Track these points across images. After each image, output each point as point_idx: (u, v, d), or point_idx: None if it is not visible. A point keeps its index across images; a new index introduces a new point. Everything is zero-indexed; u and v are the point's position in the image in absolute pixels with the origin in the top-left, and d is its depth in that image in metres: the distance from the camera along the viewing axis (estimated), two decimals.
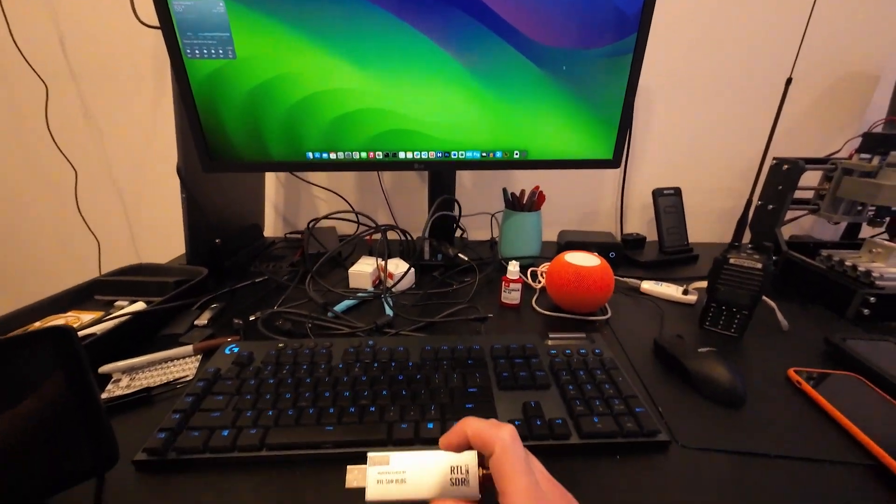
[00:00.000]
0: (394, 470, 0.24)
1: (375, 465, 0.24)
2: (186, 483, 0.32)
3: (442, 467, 0.24)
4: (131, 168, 0.91)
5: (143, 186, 0.92)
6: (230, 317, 0.55)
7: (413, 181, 0.91)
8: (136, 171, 0.91)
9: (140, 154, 0.90)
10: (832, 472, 0.33)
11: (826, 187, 0.67)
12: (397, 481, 0.24)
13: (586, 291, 0.53)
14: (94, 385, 0.27)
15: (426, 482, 0.24)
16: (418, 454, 0.25)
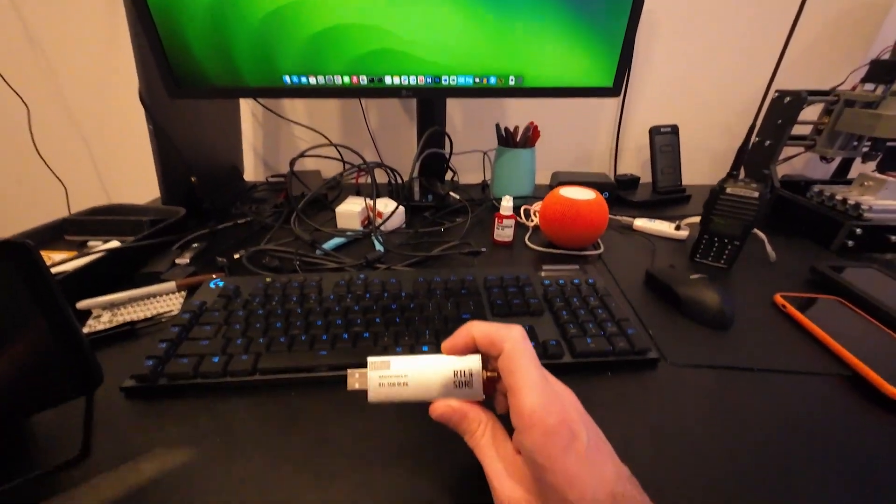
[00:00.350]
0: (395, 374, 0.24)
1: (376, 370, 0.24)
2: (179, 407, 0.31)
3: (444, 371, 0.24)
4: (89, 99, 0.83)
5: (105, 121, 0.85)
6: (213, 256, 0.53)
7: (400, 118, 0.86)
8: (95, 104, 0.83)
9: (97, 83, 0.81)
10: (813, 382, 0.35)
11: (825, 121, 0.66)
12: (399, 384, 0.24)
13: (581, 224, 0.52)
14: (64, 302, 0.25)
15: (429, 384, 0.24)
16: (420, 358, 0.24)
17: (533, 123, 0.67)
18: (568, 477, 0.19)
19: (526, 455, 0.20)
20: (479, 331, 0.24)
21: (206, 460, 0.27)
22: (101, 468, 0.27)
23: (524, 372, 0.21)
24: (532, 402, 0.20)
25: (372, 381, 0.24)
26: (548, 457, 0.19)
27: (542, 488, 0.20)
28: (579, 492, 0.19)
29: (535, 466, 0.20)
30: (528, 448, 0.20)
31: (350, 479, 0.26)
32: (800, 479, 0.27)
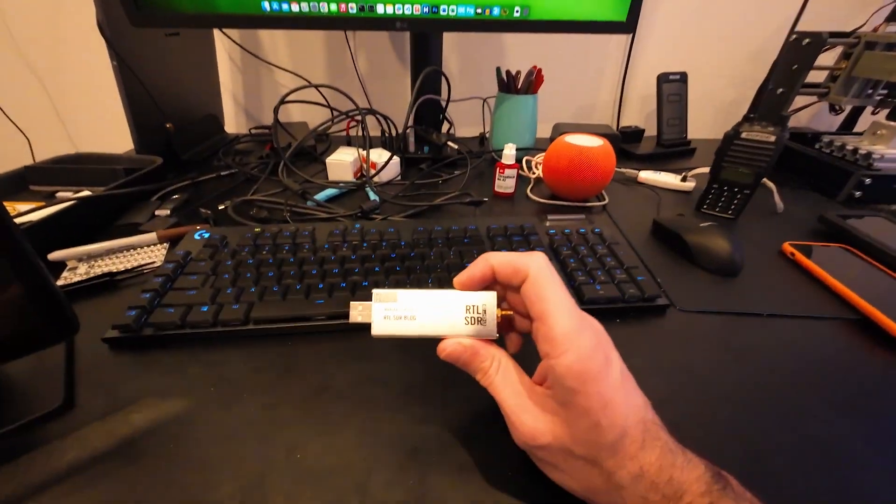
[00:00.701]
0: (402, 307, 0.22)
1: (382, 302, 0.22)
2: (167, 358, 0.29)
3: (456, 306, 0.22)
4: (41, 34, 0.74)
5: (62, 61, 0.76)
6: (195, 207, 0.50)
7: (392, 62, 0.80)
8: (48, 38, 0.74)
9: (49, 12, 0.72)
10: (821, 326, 0.34)
11: (842, 66, 0.62)
12: (406, 318, 0.22)
13: (588, 173, 0.49)
14: (27, 244, 0.22)
15: (438, 320, 0.22)
16: (430, 292, 0.22)
17: (536, 67, 0.63)
18: (602, 401, 0.18)
19: (555, 382, 0.19)
20: (499, 259, 0.22)
21: (199, 409, 0.26)
22: (87, 419, 0.25)
23: (553, 296, 0.19)
24: (565, 325, 0.19)
25: (377, 313, 0.22)
26: (582, 381, 0.18)
27: (571, 416, 0.18)
28: (611, 417, 0.18)
29: (565, 392, 0.18)
30: (559, 374, 0.18)
31: (354, 425, 0.25)
32: (810, 419, 0.27)
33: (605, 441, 0.18)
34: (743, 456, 0.24)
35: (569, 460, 0.19)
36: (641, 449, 0.18)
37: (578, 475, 0.19)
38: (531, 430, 0.19)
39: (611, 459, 0.18)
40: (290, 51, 0.77)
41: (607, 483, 0.18)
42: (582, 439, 0.18)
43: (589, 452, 0.18)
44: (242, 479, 0.22)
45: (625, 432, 0.18)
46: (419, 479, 0.22)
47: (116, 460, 0.23)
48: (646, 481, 0.18)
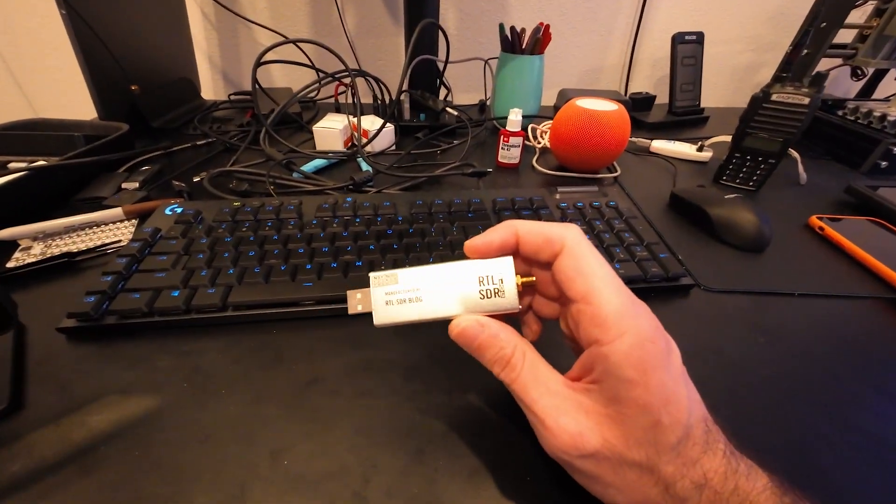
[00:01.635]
0: (405, 288, 0.19)
1: (381, 286, 0.19)
2: (133, 349, 0.26)
3: (466, 279, 0.18)
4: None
5: (11, 14, 0.68)
6: (168, 180, 0.45)
7: (383, 20, 0.73)
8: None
9: None
10: (859, 306, 0.31)
11: (874, 24, 0.57)
12: (411, 300, 0.18)
13: (602, 140, 0.45)
14: None
15: (448, 297, 0.18)
16: (433, 266, 0.19)
17: (544, 24, 0.57)
18: (664, 395, 0.15)
19: (607, 373, 0.15)
20: (527, 227, 0.18)
21: (170, 408, 0.23)
22: (38, 422, 0.22)
23: (599, 271, 0.16)
24: (617, 304, 0.16)
25: (377, 299, 0.19)
26: (643, 370, 0.15)
27: (625, 414, 0.15)
28: (675, 414, 0.15)
29: (621, 385, 0.15)
30: (615, 362, 0.15)
31: (349, 424, 0.22)
32: (858, 408, 0.24)
33: (667, 443, 0.15)
34: (785, 450, 0.22)
35: (619, 470, 0.16)
36: (704, 453, 0.15)
37: (630, 488, 0.16)
38: (574, 436, 0.16)
39: (671, 465, 0.15)
40: (269, 5, 0.70)
41: (664, 495, 0.15)
42: (638, 442, 0.15)
43: (646, 458, 0.15)
44: (220, 489, 0.19)
45: (688, 433, 0.15)
46: (424, 487, 0.20)
47: (71, 470, 0.20)
48: (709, 492, 0.15)
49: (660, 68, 0.80)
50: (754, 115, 0.43)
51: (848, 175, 0.53)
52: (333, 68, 0.51)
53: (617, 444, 0.15)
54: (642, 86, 0.82)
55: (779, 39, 0.78)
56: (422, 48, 0.58)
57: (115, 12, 0.50)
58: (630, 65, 0.78)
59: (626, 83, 0.81)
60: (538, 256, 0.18)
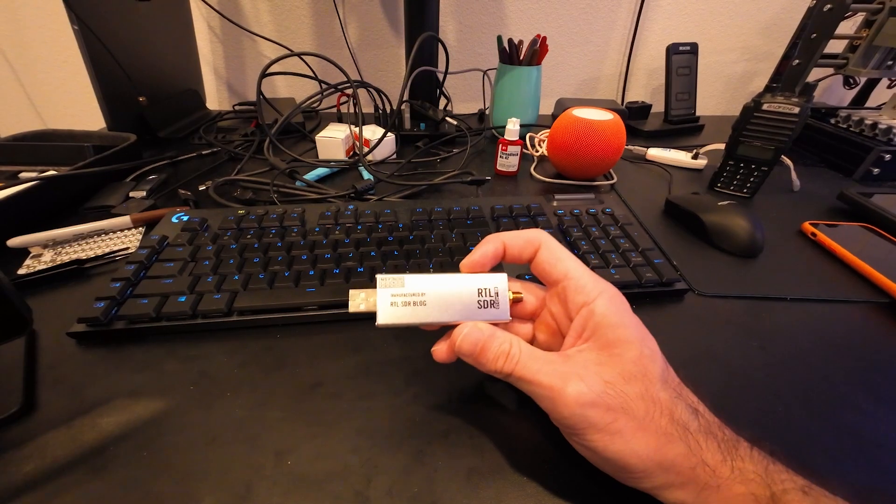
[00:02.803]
0: (410, 292, 0.20)
1: (387, 287, 0.20)
2: (141, 353, 0.27)
3: (467, 288, 0.20)
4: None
5: (24, 29, 0.70)
6: (174, 188, 0.46)
7: (385, 33, 0.74)
8: (4, 4, 0.68)
9: None
10: (850, 311, 0.32)
11: (864, 34, 0.59)
12: (415, 304, 0.20)
13: (598, 148, 0.46)
14: None
15: (449, 304, 0.20)
16: (438, 276, 0.21)
17: (541, 36, 0.58)
18: (640, 331, 0.19)
19: (597, 324, 0.19)
20: (510, 235, 0.22)
21: (177, 410, 0.23)
22: (49, 424, 0.22)
23: (570, 258, 0.21)
24: (590, 276, 0.20)
25: (382, 299, 0.20)
26: (620, 314, 0.19)
27: (615, 353, 0.18)
28: (651, 345, 0.19)
29: (608, 329, 0.19)
30: (601, 311, 0.19)
31: (351, 426, 0.23)
32: (847, 409, 0.25)
33: (654, 372, 0.18)
34: (779, 449, 0.22)
35: (628, 408, 0.17)
36: (682, 386, 0.19)
37: (645, 420, 0.17)
38: (579, 390, 0.17)
39: (664, 392, 0.18)
40: (273, 18, 0.72)
41: (671, 423, 0.17)
42: (632, 374, 0.18)
43: (644, 389, 0.18)
44: (227, 489, 0.20)
45: (666, 364, 0.19)
46: (425, 486, 0.20)
47: (81, 471, 0.20)
48: (703, 419, 0.18)
49: (656, 78, 0.82)
50: (746, 123, 0.45)
51: (841, 182, 0.54)
52: (336, 79, 0.52)
53: (615, 381, 0.18)
54: (639, 95, 0.84)
55: (772, 49, 0.80)
56: (422, 60, 0.59)
57: (124, 27, 0.52)
58: (626, 75, 0.80)
59: (623, 92, 0.82)
60: (522, 255, 0.22)
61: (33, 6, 0.68)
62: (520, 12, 0.75)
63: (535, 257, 0.21)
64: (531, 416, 0.23)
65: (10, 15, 0.69)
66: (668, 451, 0.17)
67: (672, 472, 0.17)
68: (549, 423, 0.23)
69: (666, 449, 0.17)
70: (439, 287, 0.20)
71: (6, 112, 0.75)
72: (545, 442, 0.22)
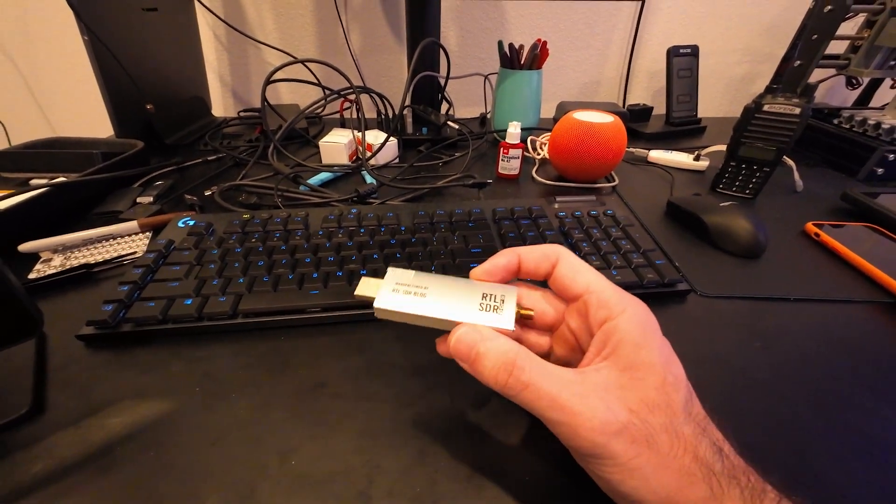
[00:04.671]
0: (414, 284, 0.20)
1: (395, 276, 0.21)
2: (148, 355, 0.27)
3: (472, 293, 0.20)
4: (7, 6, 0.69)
5: (32, 37, 0.72)
6: (180, 194, 0.47)
7: (387, 38, 0.75)
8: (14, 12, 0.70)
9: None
10: (854, 310, 0.32)
11: (865, 35, 0.59)
12: (415, 294, 0.20)
13: (599, 151, 0.46)
14: None
15: (449, 303, 0.20)
16: (447, 276, 0.21)
17: (541, 40, 0.59)
18: (663, 356, 0.17)
19: (619, 342, 0.17)
20: (526, 249, 0.21)
21: (182, 411, 0.24)
22: (58, 425, 0.23)
23: (591, 271, 0.20)
24: (614, 290, 0.19)
25: (386, 285, 0.20)
26: (645, 334, 0.18)
27: (637, 377, 0.17)
28: (675, 373, 0.17)
29: (631, 350, 0.17)
30: (625, 329, 0.17)
31: (353, 426, 0.23)
32: (854, 409, 0.24)
33: (678, 401, 0.16)
34: (783, 453, 0.22)
35: (652, 441, 0.15)
36: (706, 419, 0.17)
37: (668, 458, 0.15)
38: (604, 413, 0.15)
39: (688, 426, 0.16)
40: (277, 26, 0.73)
41: (695, 462, 0.15)
42: (655, 403, 0.16)
43: (668, 420, 0.16)
44: (231, 488, 0.20)
45: (690, 393, 0.17)
46: (427, 486, 0.20)
47: (90, 470, 0.21)
48: (727, 461, 0.16)
49: (657, 80, 0.82)
50: (747, 125, 0.45)
51: (844, 182, 0.53)
52: (339, 85, 0.53)
53: (639, 409, 0.16)
54: (640, 97, 0.84)
55: (773, 51, 0.80)
56: (423, 65, 0.60)
57: (132, 36, 0.53)
58: (627, 77, 0.80)
59: (625, 95, 0.82)
60: (538, 270, 0.21)
61: (43, 18, 0.70)
62: (520, 17, 0.75)
63: (554, 272, 0.20)
64: (533, 418, 0.23)
65: (20, 26, 0.70)
66: (689, 493, 0.15)
67: None
68: None
69: (687, 491, 0.15)
70: (444, 285, 0.20)
71: (17, 120, 0.77)
72: (548, 443, 0.22)
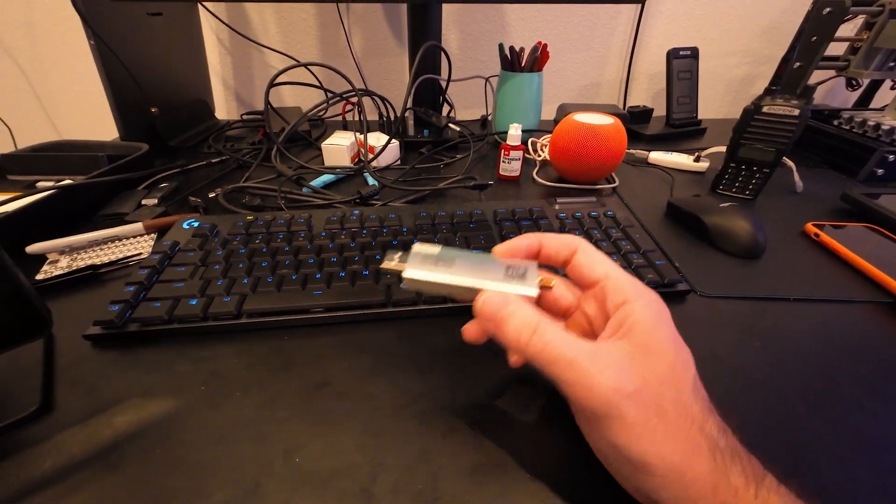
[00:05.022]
0: (441, 256, 0.22)
1: (422, 249, 0.22)
2: (154, 354, 0.27)
3: (496, 265, 0.21)
4: (15, 12, 0.70)
5: (38, 41, 0.72)
6: (185, 196, 0.47)
7: (388, 42, 0.76)
8: (22, 18, 0.71)
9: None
10: (854, 310, 0.32)
11: (864, 37, 0.59)
12: (444, 263, 0.21)
13: (599, 152, 0.46)
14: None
15: (475, 271, 0.21)
16: (470, 251, 0.23)
17: (542, 43, 0.59)
18: (675, 339, 0.19)
19: (635, 323, 0.18)
20: (547, 235, 0.23)
21: (188, 409, 0.24)
22: (66, 423, 0.23)
23: (608, 260, 0.21)
24: (630, 279, 0.20)
25: (415, 255, 0.22)
26: (658, 319, 0.19)
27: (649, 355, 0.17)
28: (684, 355, 0.18)
29: (646, 331, 0.18)
30: (640, 312, 0.18)
31: (357, 424, 0.23)
32: (852, 409, 0.25)
33: (686, 381, 0.17)
34: (782, 451, 0.22)
35: (661, 410, 0.16)
36: (710, 405, 0.18)
37: (676, 428, 0.16)
38: (618, 374, 0.16)
39: (696, 405, 0.17)
40: (280, 30, 0.74)
41: (702, 435, 0.16)
42: (666, 379, 0.17)
43: (676, 396, 0.17)
44: (236, 485, 0.20)
45: (697, 379, 0.18)
46: (429, 483, 0.21)
47: (98, 467, 0.21)
48: (730, 439, 0.17)
49: (657, 82, 0.83)
50: (747, 126, 0.45)
51: (844, 183, 0.54)
52: (341, 88, 0.53)
53: (651, 380, 0.17)
54: (640, 99, 0.84)
55: (773, 52, 0.80)
56: (425, 68, 0.60)
57: (137, 41, 0.54)
58: (628, 79, 0.81)
59: (625, 97, 0.83)
60: (558, 256, 0.22)
61: (50, 22, 0.71)
62: (521, 20, 0.76)
63: (573, 260, 0.22)
64: (534, 414, 0.24)
65: (27, 31, 0.71)
66: (693, 462, 0.16)
67: (692, 488, 0.16)
68: (552, 420, 0.23)
69: (692, 459, 0.16)
70: (468, 257, 0.22)
71: (24, 124, 0.78)
72: (549, 439, 0.22)
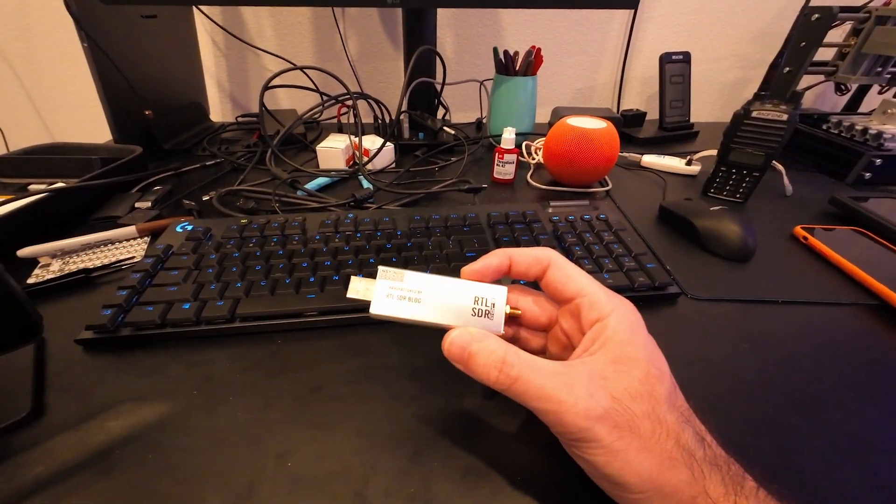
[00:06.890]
0: (408, 287, 0.20)
1: (387, 280, 0.21)
2: (147, 359, 0.27)
3: (464, 295, 0.20)
4: (7, 13, 0.69)
5: (34, 46, 0.72)
6: (179, 199, 0.47)
7: (383, 45, 0.76)
8: (16, 20, 0.70)
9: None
10: (840, 312, 0.33)
11: (852, 42, 0.60)
12: (410, 299, 0.20)
13: (592, 156, 0.47)
14: None
15: (443, 307, 0.20)
16: (439, 277, 0.21)
17: (536, 47, 0.60)
18: (648, 350, 0.19)
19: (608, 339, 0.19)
20: (517, 251, 0.22)
21: (181, 414, 0.24)
22: (58, 428, 0.23)
23: (582, 275, 0.21)
24: (604, 293, 0.20)
25: (380, 289, 0.20)
26: (632, 331, 0.19)
27: (621, 370, 0.18)
28: (659, 365, 0.18)
29: (619, 346, 0.18)
30: (614, 327, 0.19)
31: (350, 428, 0.23)
32: (837, 409, 0.25)
33: (661, 393, 0.18)
34: (769, 452, 0.23)
35: (635, 426, 0.17)
36: (689, 411, 0.18)
37: (651, 442, 0.16)
38: (587, 399, 0.17)
39: (671, 415, 0.17)
40: (276, 33, 0.74)
41: (677, 448, 0.16)
42: (639, 393, 0.17)
43: (650, 408, 0.17)
44: (230, 489, 0.20)
45: (674, 387, 0.18)
46: (422, 486, 0.21)
47: (90, 473, 0.21)
48: (708, 449, 0.17)
49: (650, 85, 0.83)
50: (737, 130, 0.46)
51: (833, 187, 0.54)
52: (336, 91, 0.53)
53: (622, 397, 0.17)
54: (633, 102, 0.85)
55: (764, 57, 0.81)
56: (420, 71, 0.61)
57: (131, 43, 0.54)
58: (621, 83, 0.82)
59: (618, 100, 0.84)
60: (529, 272, 0.22)
61: (43, 25, 0.70)
62: (516, 24, 0.76)
63: (545, 276, 0.21)
64: (524, 417, 0.24)
65: (20, 33, 0.71)
66: (670, 476, 0.16)
67: (671, 500, 0.16)
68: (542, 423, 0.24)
69: (669, 473, 0.16)
70: (436, 288, 0.20)
71: (16, 126, 0.77)
72: (539, 442, 0.23)
